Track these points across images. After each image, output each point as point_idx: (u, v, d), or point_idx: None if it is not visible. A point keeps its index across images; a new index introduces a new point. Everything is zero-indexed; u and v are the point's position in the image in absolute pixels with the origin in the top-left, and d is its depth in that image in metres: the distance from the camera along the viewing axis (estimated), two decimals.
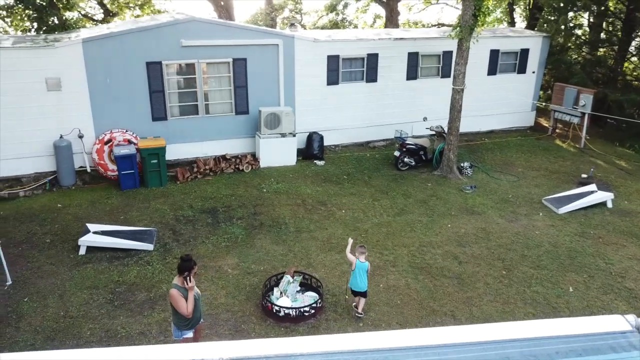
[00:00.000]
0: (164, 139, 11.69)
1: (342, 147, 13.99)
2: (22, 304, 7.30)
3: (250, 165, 12.24)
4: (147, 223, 9.67)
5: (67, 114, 11.05)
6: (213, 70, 12.04)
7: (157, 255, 8.59)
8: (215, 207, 10.36)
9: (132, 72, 11.29)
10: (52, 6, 13.64)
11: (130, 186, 11.12)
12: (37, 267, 8.22)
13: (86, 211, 10.18)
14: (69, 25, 14.52)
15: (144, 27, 11.27)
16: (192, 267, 5.44)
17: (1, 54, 10.26)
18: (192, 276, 5.44)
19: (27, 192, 10.92)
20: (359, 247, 7.09)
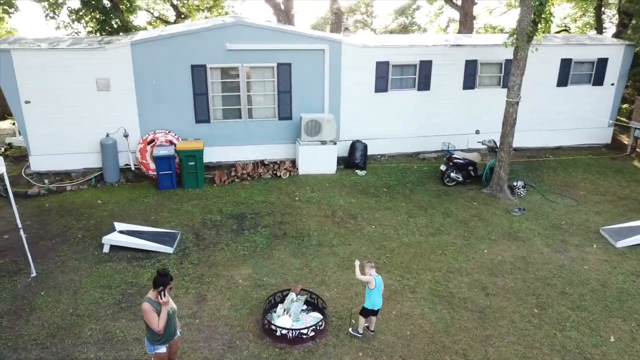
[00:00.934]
0: (207, 141, 11.84)
1: (389, 157, 13.39)
2: (38, 297, 7.57)
3: (288, 172, 12.04)
4: (175, 225, 9.76)
5: (114, 113, 11.48)
6: (257, 75, 11.97)
7: (174, 259, 8.60)
8: (244, 213, 10.25)
9: (178, 75, 11.50)
10: (116, 9, 14.35)
11: (168, 186, 11.32)
12: (62, 262, 8.53)
13: (122, 209, 10.47)
14: (131, 27, 15.21)
15: (190, 30, 11.44)
16: (167, 282, 5.27)
17: (57, 55, 10.86)
18: (167, 291, 5.27)
19: (73, 186, 11.47)
20: (368, 264, 6.62)
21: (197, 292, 7.70)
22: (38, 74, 10.89)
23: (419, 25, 24.38)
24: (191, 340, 6.71)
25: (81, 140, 11.47)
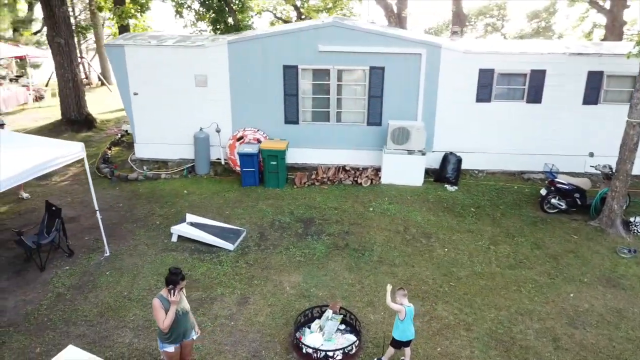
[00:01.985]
0: (294, 142, 11.84)
1: (487, 174, 12.17)
2: (103, 276, 8.11)
3: (370, 180, 11.53)
4: (244, 222, 9.86)
5: (209, 109, 11.98)
6: (348, 78, 11.64)
7: (232, 257, 8.66)
8: (313, 217, 10.01)
9: (270, 75, 11.63)
10: (229, 9, 15.03)
11: (250, 183, 11.51)
12: (135, 246, 9.06)
13: (203, 201, 10.88)
14: (243, 27, 15.83)
15: (284, 30, 11.50)
16: (177, 281, 5.21)
17: (162, 51, 11.64)
18: (178, 290, 5.21)
19: (167, 175, 12.21)
20: (400, 291, 5.97)
21: (242, 294, 7.64)
22: (145, 68, 11.79)
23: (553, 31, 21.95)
24: (220, 342, 6.65)
25: (178, 132, 12.17)
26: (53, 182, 12.19)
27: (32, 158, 7.24)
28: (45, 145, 7.80)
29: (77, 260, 8.57)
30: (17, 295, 7.62)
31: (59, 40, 14.18)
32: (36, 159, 7.28)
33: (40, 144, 7.84)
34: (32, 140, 8.06)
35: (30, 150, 7.47)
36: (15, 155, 7.24)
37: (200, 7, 16.08)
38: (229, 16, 15.40)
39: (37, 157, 7.32)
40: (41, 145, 7.76)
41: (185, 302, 5.43)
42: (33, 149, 7.52)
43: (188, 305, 5.48)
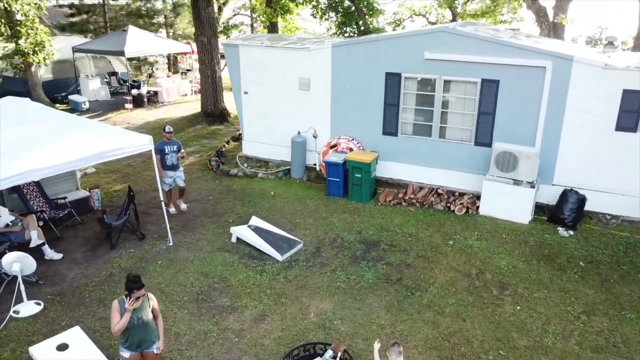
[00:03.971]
0: (390, 156, 10.99)
1: (622, 222, 9.63)
2: (154, 265, 8.47)
3: (465, 208, 10.03)
4: (307, 234, 9.41)
5: (308, 113, 11.76)
6: (456, 90, 10.27)
7: (276, 268, 8.30)
8: (379, 241, 9.08)
9: (371, 82, 10.90)
10: (359, 12, 14.48)
11: (334, 194, 10.99)
12: (197, 240, 9.30)
13: (283, 205, 10.72)
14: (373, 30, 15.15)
15: (388, 35, 10.61)
16: (132, 288, 5.05)
17: (270, 53, 11.76)
18: (133, 298, 5.05)
19: (264, 174, 12.35)
20: (394, 347, 4.94)
21: (263, 310, 7.24)
22: (256, 68, 12.07)
23: None
24: (213, 356, 6.37)
25: (281, 134, 12.21)
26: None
27: (98, 145, 7.85)
28: (114, 135, 8.40)
29: (143, 245, 9.12)
30: (80, 268, 8.40)
31: (202, 39, 15.44)
32: (102, 146, 7.88)
33: (111, 133, 8.47)
34: (105, 129, 8.76)
35: (100, 138, 8.10)
36: (85, 141, 7.92)
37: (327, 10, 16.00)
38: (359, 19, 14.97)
39: (103, 145, 7.92)
40: (111, 135, 8.38)
41: (146, 311, 5.25)
42: (103, 137, 8.15)
43: (150, 316, 5.29)
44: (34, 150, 7.31)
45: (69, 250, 8.94)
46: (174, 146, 10.14)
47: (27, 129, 7.84)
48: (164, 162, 10.02)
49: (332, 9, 15.65)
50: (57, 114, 9.11)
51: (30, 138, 7.58)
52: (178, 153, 10.19)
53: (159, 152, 9.72)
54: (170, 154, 10.04)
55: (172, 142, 10.15)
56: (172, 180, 10.26)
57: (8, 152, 7.17)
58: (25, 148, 7.34)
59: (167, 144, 10.07)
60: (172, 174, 10.19)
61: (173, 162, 10.13)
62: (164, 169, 10.02)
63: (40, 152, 7.32)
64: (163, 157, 9.98)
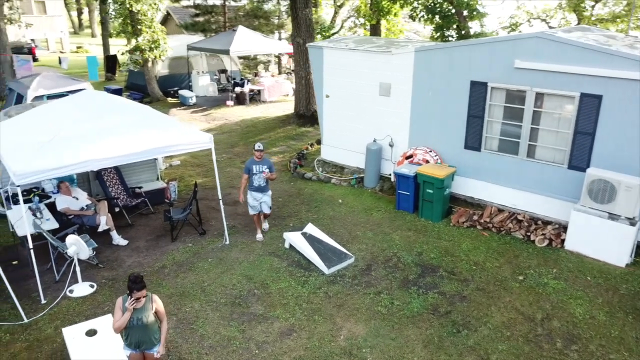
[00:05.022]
0: (470, 172, 10.06)
1: None
2: (203, 262, 8.55)
3: (548, 240, 8.74)
4: (363, 249, 8.88)
5: (387, 120, 11.16)
6: (550, 104, 9.00)
7: (319, 281, 7.91)
8: (439, 266, 8.25)
9: (454, 90, 10.00)
10: (458, 15, 13.31)
11: (404, 208, 10.28)
12: (251, 242, 9.23)
13: (346, 214, 10.27)
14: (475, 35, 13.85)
15: (475, 41, 9.61)
16: (133, 289, 5.00)
17: (352, 55, 11.35)
18: (133, 299, 5.00)
19: (337, 181, 11.98)
20: None
21: (293, 325, 6.91)
22: (338, 71, 11.74)
23: None
24: None
25: (358, 140, 11.75)
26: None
27: (159, 140, 8.10)
28: (178, 131, 8.59)
29: (201, 241, 9.28)
30: (139, 257, 8.77)
31: (298, 40, 15.49)
32: (162, 141, 8.11)
33: (176, 129, 8.67)
34: (172, 124, 8.98)
35: (163, 133, 8.34)
36: (149, 135, 8.21)
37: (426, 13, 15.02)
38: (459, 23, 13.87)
39: (164, 140, 8.15)
40: (175, 131, 8.58)
41: (147, 313, 5.18)
42: (166, 133, 8.38)
43: (151, 318, 5.22)
44: (98, 142, 7.72)
45: (135, 238, 9.40)
46: (264, 166, 8.91)
47: (101, 122, 8.32)
48: (251, 183, 8.99)
49: (430, 11, 14.73)
50: (135, 107, 9.59)
51: (100, 130, 8.03)
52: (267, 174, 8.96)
53: (246, 171, 8.98)
54: (259, 175, 8.90)
55: (262, 161, 8.94)
56: (258, 204, 9.12)
57: (76, 142, 7.65)
58: (93, 139, 7.78)
59: (256, 163, 8.90)
60: (259, 196, 9.07)
61: (260, 184, 8.97)
62: (251, 189, 9.04)
63: (104, 143, 7.71)
64: (250, 177, 8.98)
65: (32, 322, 6.93)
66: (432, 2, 14.33)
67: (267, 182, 9.08)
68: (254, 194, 9.05)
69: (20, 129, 8.50)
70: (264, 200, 9.15)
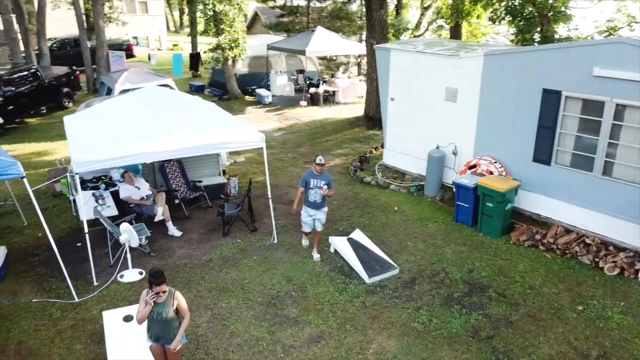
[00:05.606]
0: (537, 186, 9.31)
1: None
2: (248, 259, 8.61)
3: (620, 269, 7.82)
4: (411, 260, 8.51)
5: (452, 126, 10.62)
6: (632, 117, 8.04)
7: (359, 290, 7.68)
8: (489, 287, 7.68)
9: (524, 98, 9.27)
10: (542, 18, 12.19)
11: (462, 220, 9.72)
12: (298, 243, 9.16)
13: (400, 222, 9.91)
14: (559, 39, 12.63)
15: (548, 46, 8.81)
16: (152, 283, 5.09)
17: (418, 58, 10.93)
18: (153, 293, 5.10)
19: (396, 187, 11.60)
20: None
21: (322, 332, 6.76)
22: (404, 74, 11.37)
23: None
24: None
25: (421, 146, 11.29)
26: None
27: (211, 136, 8.29)
28: (232, 127, 8.73)
29: (250, 238, 9.38)
30: (189, 249, 9.03)
31: (371, 41, 15.23)
32: (216, 138, 8.29)
33: (230, 125, 8.82)
34: (227, 121, 9.14)
35: (219, 130, 8.52)
36: (205, 131, 8.43)
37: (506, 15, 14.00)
38: (542, 26, 12.80)
39: (218, 137, 8.32)
40: (231, 128, 8.73)
41: (167, 308, 5.21)
42: (219, 129, 8.56)
43: (171, 314, 5.25)
44: (153, 136, 8.06)
45: (189, 230, 9.71)
46: (322, 181, 8.18)
47: (160, 117, 8.69)
48: (306, 197, 8.34)
49: (510, 13, 13.77)
50: (196, 104, 9.92)
51: (158, 125, 8.38)
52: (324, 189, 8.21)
53: (303, 184, 8.30)
54: (315, 190, 8.20)
55: (321, 176, 8.21)
56: (311, 221, 8.49)
57: (134, 135, 8.04)
58: (149, 133, 8.14)
59: (315, 177, 8.19)
60: (313, 212, 8.42)
61: (316, 200, 8.27)
62: (305, 204, 8.42)
63: (158, 138, 8.03)
64: (306, 191, 8.31)
65: (82, 302, 7.37)
66: (513, 3, 13.41)
67: (323, 199, 8.35)
68: (308, 209, 8.43)
69: (91, 120, 9.10)
70: (318, 218, 8.49)
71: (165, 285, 5.18)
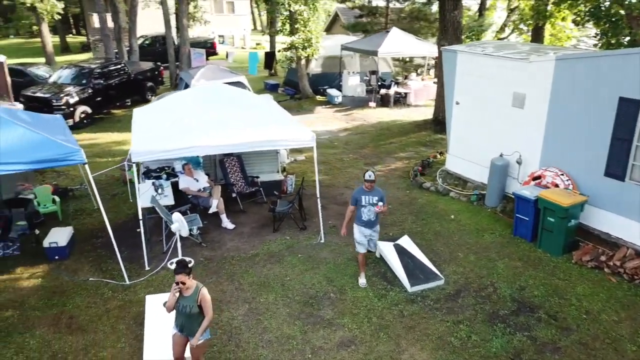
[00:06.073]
0: (609, 203, 8.55)
1: None
2: (291, 256, 8.67)
3: None
4: (459, 272, 8.14)
5: (517, 134, 10.02)
6: None
7: (399, 298, 7.48)
8: (541, 307, 7.15)
9: (598, 106, 8.52)
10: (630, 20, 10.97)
11: (521, 234, 9.15)
12: (345, 245, 9.03)
13: (455, 232, 9.52)
14: None
15: (628, 51, 8.00)
16: (176, 272, 5.23)
17: (485, 61, 10.42)
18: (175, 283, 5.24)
19: (455, 194, 11.14)
20: None
21: (354, 337, 6.65)
22: (470, 77, 10.89)
23: None
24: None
25: (483, 153, 10.76)
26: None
27: (262, 133, 8.43)
28: (285, 125, 8.82)
29: (299, 236, 9.43)
30: (239, 242, 9.24)
31: (443, 43, 14.72)
32: (266, 135, 8.43)
33: (284, 123, 8.91)
34: (282, 119, 9.22)
35: (272, 127, 8.66)
36: (258, 128, 8.60)
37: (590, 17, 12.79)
38: (629, 28, 11.62)
39: (268, 134, 8.45)
40: (283, 124, 8.82)
41: (192, 303, 5.31)
42: (273, 126, 8.68)
43: (195, 309, 5.33)
44: (208, 130, 8.34)
45: (242, 224, 9.94)
46: (375, 197, 7.59)
47: (218, 112, 8.96)
48: (359, 216, 7.68)
49: (593, 15, 12.63)
50: (256, 101, 10.13)
51: (214, 120, 8.66)
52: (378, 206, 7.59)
53: (354, 202, 7.67)
54: (369, 207, 7.57)
55: (372, 192, 7.60)
56: (366, 241, 7.77)
57: (190, 129, 8.37)
58: (204, 128, 8.43)
59: (366, 193, 7.58)
60: (367, 232, 7.74)
61: (370, 218, 7.64)
62: (358, 223, 7.74)
63: (212, 132, 8.30)
64: (358, 210, 7.68)
65: (132, 285, 7.79)
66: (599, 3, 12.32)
67: (377, 216, 7.77)
68: (362, 229, 7.72)
69: (156, 112, 9.60)
70: (373, 237, 7.88)
71: (187, 277, 5.27)
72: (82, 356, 6.28)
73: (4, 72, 17.46)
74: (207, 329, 5.48)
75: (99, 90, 17.82)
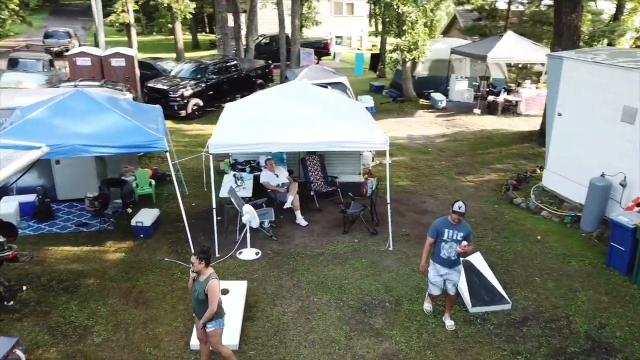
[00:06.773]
0: None
1: None
2: (355, 259, 8.55)
3: None
4: (531, 298, 7.47)
5: (624, 152, 8.87)
6: None
7: (458, 316, 7.05)
8: (619, 350, 6.30)
9: None
10: None
11: (615, 265, 8.10)
12: (413, 255, 8.69)
13: (538, 255, 8.72)
14: None
15: None
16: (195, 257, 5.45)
17: (592, 69, 9.36)
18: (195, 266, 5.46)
19: (548, 214, 10.16)
20: None
21: (399, 351, 6.43)
22: (575, 86, 9.87)
23: None
24: None
25: (582, 171, 9.70)
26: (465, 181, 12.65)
27: (335, 134, 8.44)
28: (359, 127, 8.72)
29: (367, 240, 9.29)
30: (308, 240, 9.32)
31: (557, 49, 13.47)
32: (337, 135, 8.42)
33: (361, 125, 8.81)
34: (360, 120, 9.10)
35: (345, 128, 8.63)
36: (330, 128, 8.62)
37: None
38: None
39: (340, 135, 8.44)
40: (357, 127, 8.74)
41: (200, 289, 5.46)
42: (347, 128, 8.64)
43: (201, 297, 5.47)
44: (284, 128, 8.54)
45: (315, 222, 10.03)
46: (460, 233, 6.42)
47: (296, 110, 9.13)
48: (437, 251, 6.59)
49: None
50: (339, 101, 10.16)
51: (291, 118, 8.84)
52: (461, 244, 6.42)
53: (434, 234, 6.55)
54: (450, 243, 6.46)
55: (458, 226, 6.45)
56: (441, 281, 6.69)
57: (267, 126, 8.65)
58: (281, 125, 8.66)
59: (450, 227, 6.46)
60: (445, 271, 6.63)
61: (451, 256, 6.52)
62: (433, 260, 6.69)
63: (287, 130, 8.48)
64: (437, 244, 6.57)
65: None
66: None
67: (458, 256, 6.60)
68: (438, 267, 6.64)
69: (243, 107, 10.06)
70: (451, 278, 6.68)
71: (199, 263, 5.44)
72: (141, 329, 6.80)
73: (133, 65, 19.52)
74: (220, 319, 5.64)
75: (211, 85, 19.09)
